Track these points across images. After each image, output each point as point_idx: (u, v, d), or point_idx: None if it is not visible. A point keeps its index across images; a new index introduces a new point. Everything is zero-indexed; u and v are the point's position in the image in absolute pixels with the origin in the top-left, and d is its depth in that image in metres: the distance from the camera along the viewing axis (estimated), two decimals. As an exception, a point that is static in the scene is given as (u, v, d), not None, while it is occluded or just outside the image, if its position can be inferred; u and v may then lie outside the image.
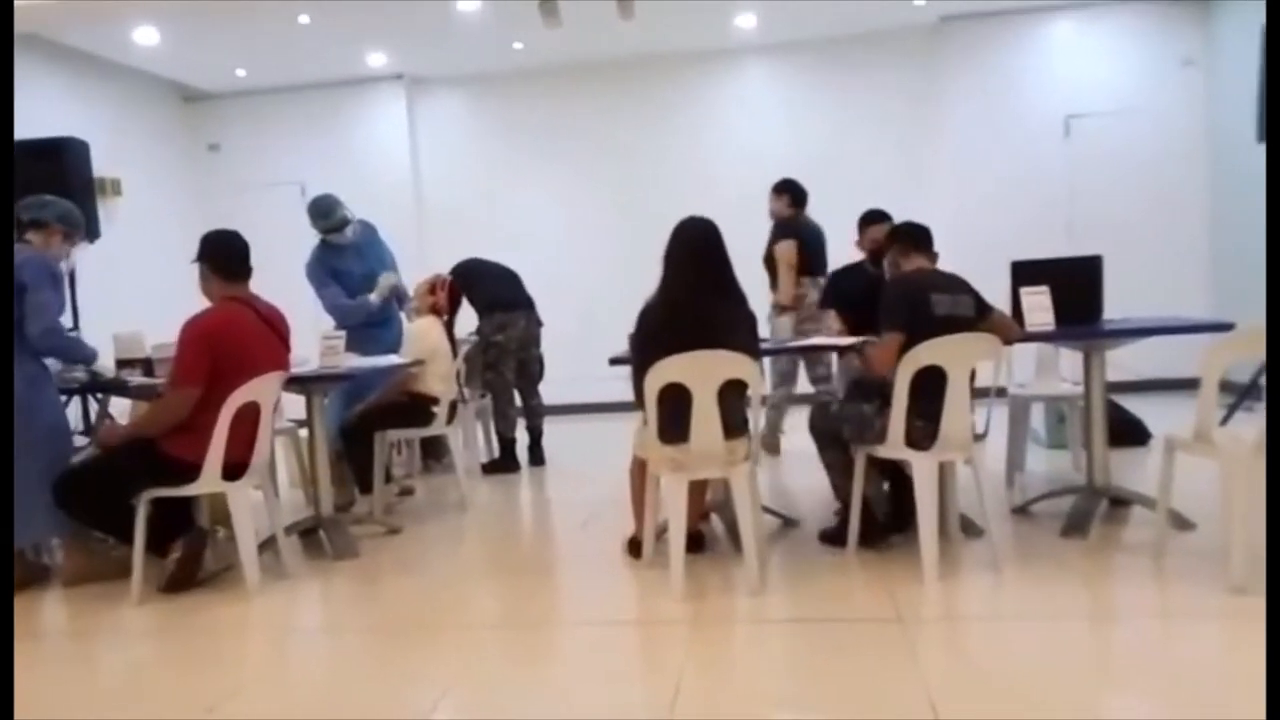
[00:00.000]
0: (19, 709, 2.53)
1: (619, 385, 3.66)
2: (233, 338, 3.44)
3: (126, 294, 6.53)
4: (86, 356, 3.87)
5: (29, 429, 3.55)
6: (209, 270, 3.56)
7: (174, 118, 8.27)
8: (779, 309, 5.24)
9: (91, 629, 3.27)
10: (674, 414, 3.13)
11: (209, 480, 3.36)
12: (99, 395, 4.74)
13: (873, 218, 4.45)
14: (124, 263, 6.84)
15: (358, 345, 4.57)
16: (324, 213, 4.97)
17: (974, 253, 4.68)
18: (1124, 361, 3.96)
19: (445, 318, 5.03)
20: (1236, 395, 5.31)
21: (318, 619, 3.25)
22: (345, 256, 5.04)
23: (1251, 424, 3.11)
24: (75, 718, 2.47)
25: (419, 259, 7.03)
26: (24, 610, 3.46)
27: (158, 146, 7.96)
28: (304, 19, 6.59)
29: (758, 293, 3.43)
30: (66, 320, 4.10)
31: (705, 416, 3.11)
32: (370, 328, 5.00)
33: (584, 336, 6.25)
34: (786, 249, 5.45)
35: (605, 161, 8.28)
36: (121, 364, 4.20)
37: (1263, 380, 3.20)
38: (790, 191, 5.75)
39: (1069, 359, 4.51)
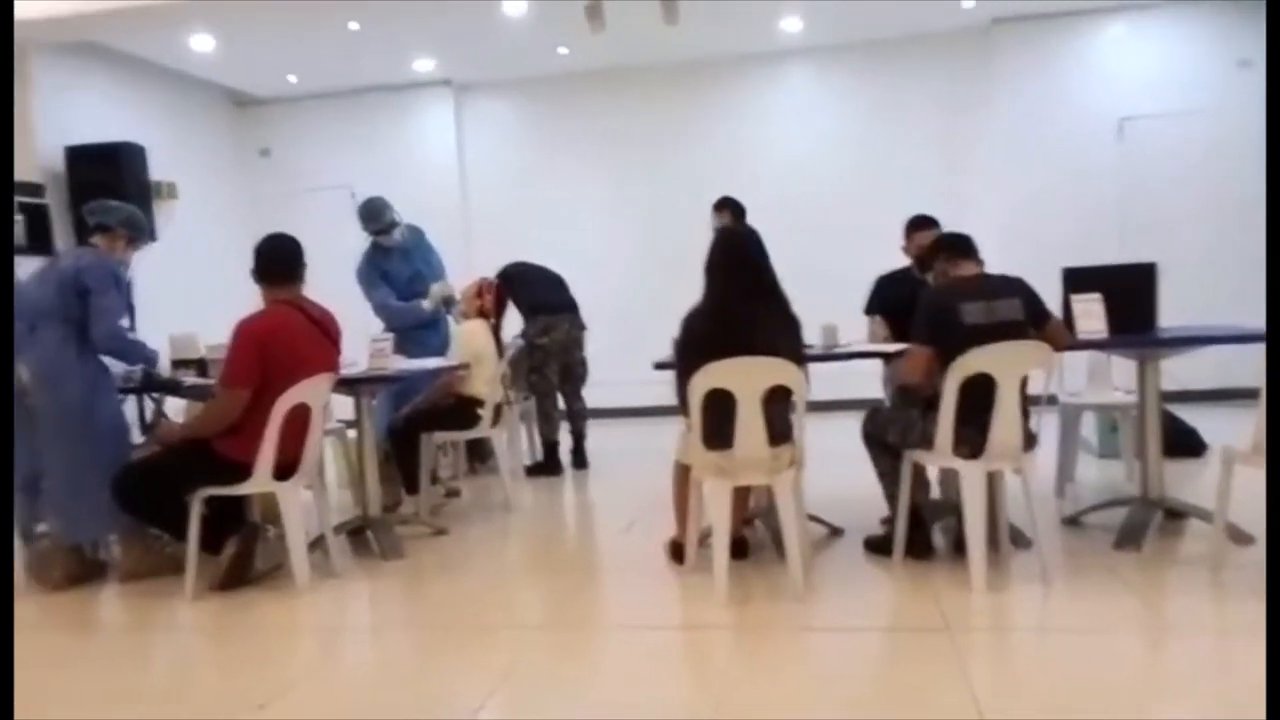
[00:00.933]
0: (74, 701, 2.60)
1: (661, 389, 3.67)
2: (283, 340, 3.50)
3: (181, 295, 6.68)
4: (148, 357, 3.97)
5: (89, 428, 3.65)
6: (256, 278, 3.63)
7: (227, 123, 8.43)
8: None
9: (146, 624, 3.35)
10: (718, 420, 3.13)
11: (260, 480, 3.42)
12: (155, 395, 4.84)
13: (920, 223, 4.40)
14: (179, 264, 7.00)
15: (404, 348, 4.65)
16: (374, 215, 5.08)
17: (1023, 258, 4.60)
18: (1175, 371, 3.87)
19: (492, 321, 5.08)
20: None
21: (366, 618, 3.30)
22: (393, 259, 5.13)
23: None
24: (129, 711, 2.53)
25: (464, 262, 7.10)
26: (81, 604, 3.56)
27: (211, 151, 8.13)
28: (354, 25, 6.69)
29: (799, 300, 3.42)
30: (124, 323, 4.19)
31: (750, 423, 3.11)
32: (417, 330, 5.09)
33: (626, 340, 6.25)
34: None
35: (648, 165, 8.29)
36: (177, 364, 4.30)
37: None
38: (731, 207, 5.96)
39: (1121, 367, 4.42)
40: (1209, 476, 3.55)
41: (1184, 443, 5.03)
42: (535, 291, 5.81)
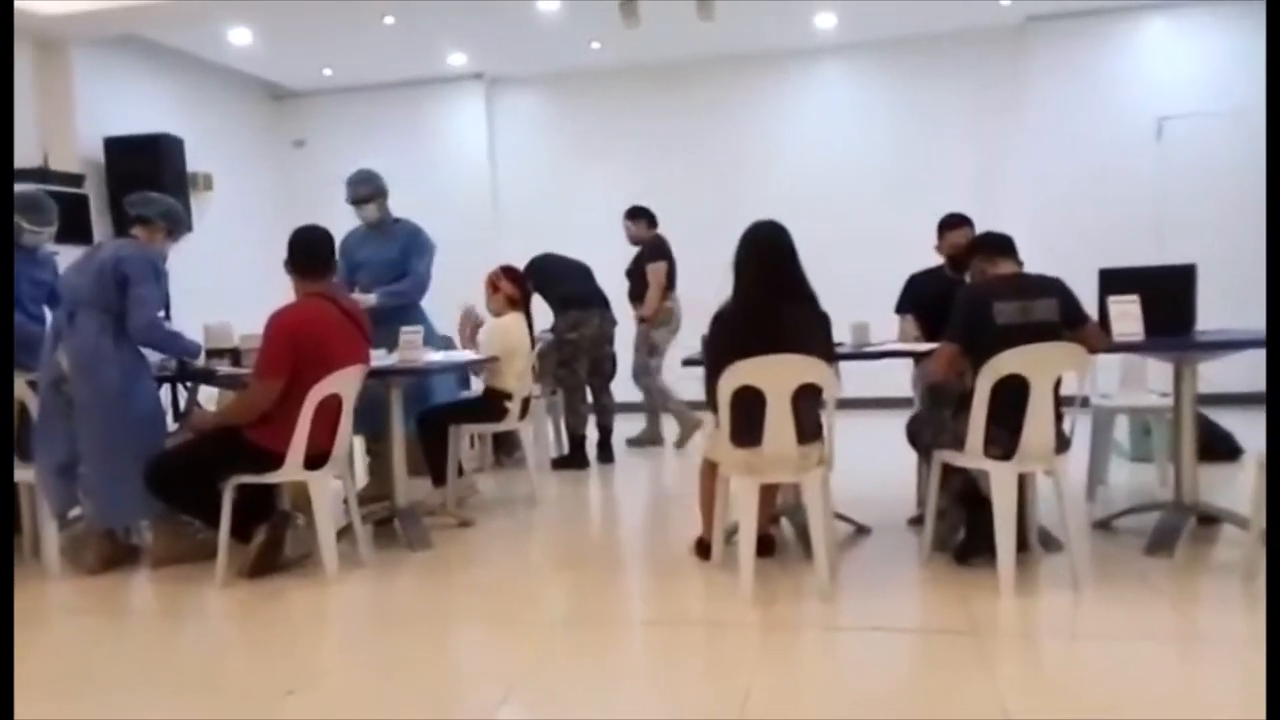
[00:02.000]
0: (107, 682, 2.65)
1: (689, 385, 3.67)
2: (315, 332, 3.54)
3: (216, 285, 6.76)
4: (188, 349, 4.02)
5: (124, 415, 3.70)
6: (290, 268, 3.67)
7: (263, 115, 8.52)
8: (643, 321, 6.07)
9: (177, 609, 3.40)
10: (747, 417, 3.12)
11: (292, 469, 3.46)
12: (188, 384, 4.91)
13: (953, 222, 4.37)
14: (214, 255, 7.09)
15: (385, 343, 4.30)
16: (353, 181, 4.81)
17: (1058, 258, 4.54)
18: (1211, 375, 3.81)
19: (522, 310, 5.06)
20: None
21: (393, 607, 3.32)
22: (368, 243, 4.86)
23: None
24: (161, 694, 2.57)
25: (494, 254, 7.13)
26: (114, 588, 3.62)
27: (247, 143, 8.22)
28: (389, 20, 6.74)
29: (829, 298, 3.40)
30: (163, 314, 4.25)
31: (779, 420, 3.10)
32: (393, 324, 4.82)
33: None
34: (658, 270, 6.07)
35: (680, 161, 8.28)
36: (211, 354, 4.35)
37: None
38: (646, 215, 6.24)
39: (1156, 369, 4.35)
40: (1244, 481, 3.49)
41: (1220, 447, 4.96)
42: (566, 285, 5.83)
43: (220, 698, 2.53)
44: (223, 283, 6.88)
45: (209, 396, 5.06)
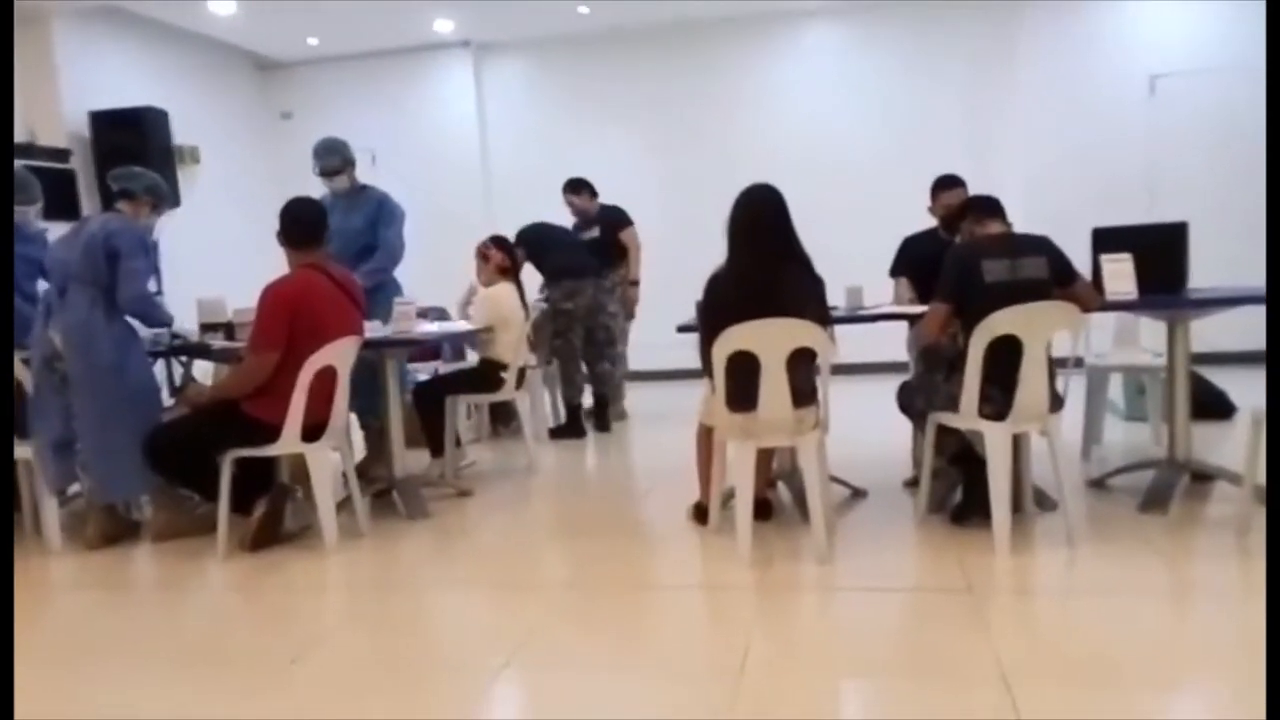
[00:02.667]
0: (110, 655, 2.67)
1: (686, 352, 3.67)
2: (309, 304, 3.53)
3: (206, 259, 6.73)
4: (164, 320, 4.02)
5: (119, 389, 3.70)
6: (283, 239, 3.65)
7: (248, 87, 8.43)
8: (635, 284, 6.13)
9: (179, 582, 3.42)
10: (742, 382, 3.13)
11: (289, 441, 3.47)
12: (183, 358, 4.90)
13: (946, 183, 4.35)
14: (203, 229, 7.04)
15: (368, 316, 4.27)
16: (321, 152, 4.70)
17: (1052, 217, 4.55)
18: (1204, 333, 3.82)
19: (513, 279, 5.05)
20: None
21: (394, 576, 3.35)
22: (334, 213, 4.49)
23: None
24: (164, 665, 2.59)
25: (485, 224, 7.10)
26: (115, 563, 3.64)
27: (233, 115, 8.14)
28: (374, -14, 6.65)
29: (824, 262, 3.40)
30: (151, 286, 4.23)
31: (774, 385, 3.10)
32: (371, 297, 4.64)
33: (650, 303, 6.25)
34: (636, 233, 6.16)
35: (670, 126, 8.22)
36: (205, 328, 4.34)
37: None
38: (588, 187, 6.18)
39: (1150, 329, 4.37)
40: (1237, 439, 3.52)
41: (1213, 405, 4.99)
42: (560, 255, 5.81)
43: (224, 668, 2.55)
44: (213, 256, 6.84)
45: (204, 371, 5.06)
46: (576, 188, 6.19)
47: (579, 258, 5.87)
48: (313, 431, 3.52)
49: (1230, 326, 4.32)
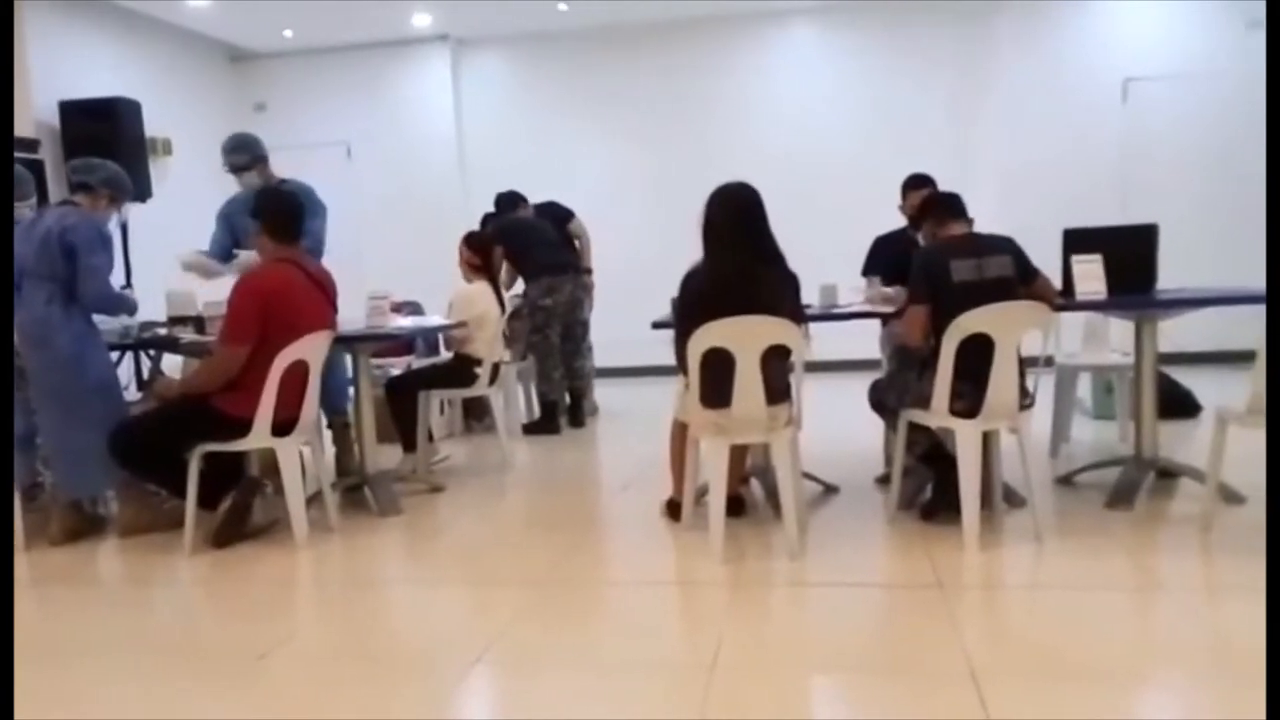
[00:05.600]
0: (76, 651, 2.63)
1: (661, 349, 3.67)
2: (283, 298, 3.50)
3: (177, 251, 6.63)
4: (130, 307, 3.96)
5: (79, 384, 3.66)
6: (262, 229, 3.62)
7: (222, 78, 8.34)
8: (588, 274, 6.08)
9: (145, 577, 3.38)
10: (716, 379, 3.13)
11: (259, 436, 3.44)
12: (151, 352, 4.84)
13: (916, 182, 4.40)
14: (175, 221, 6.94)
15: None
16: (229, 149, 4.47)
17: (1027, 217, 4.60)
18: (1171, 333, 3.88)
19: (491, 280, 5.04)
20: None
21: (364, 572, 3.33)
22: (247, 210, 4.24)
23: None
24: (130, 660, 2.56)
25: (461, 221, 7.07)
26: (80, 559, 3.59)
27: (206, 106, 8.04)
28: (350, -22, 6.60)
29: (800, 260, 3.42)
30: (119, 278, 4.18)
31: (748, 382, 3.11)
32: None
33: (628, 300, 6.25)
34: (580, 224, 6.13)
35: (649, 124, 8.22)
36: (174, 321, 4.29)
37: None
38: (522, 198, 6.08)
39: (1119, 328, 4.43)
40: (1202, 437, 3.57)
41: (1179, 404, 5.06)
42: (539, 253, 5.79)
43: (190, 664, 2.52)
44: (184, 249, 6.74)
45: (173, 365, 5.00)
46: (517, 200, 6.08)
47: (559, 255, 5.86)
48: (283, 426, 3.48)
49: (1196, 327, 4.38)
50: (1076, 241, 3.60)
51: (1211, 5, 7.19)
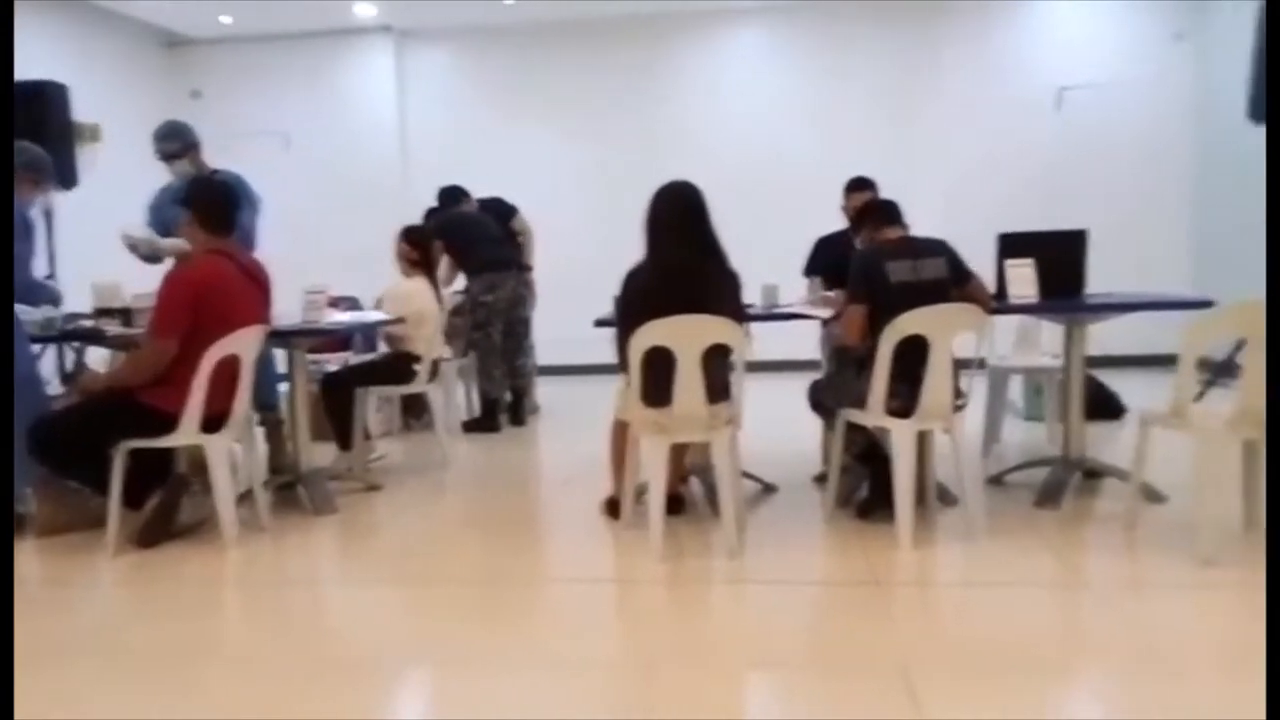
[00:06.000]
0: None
1: (603, 347, 3.66)
2: (215, 290, 3.41)
3: (106, 242, 6.42)
4: (51, 297, 3.83)
5: None
6: (194, 219, 3.52)
7: (156, 64, 8.11)
8: (529, 271, 6.05)
9: (65, 579, 3.26)
10: (657, 377, 3.14)
11: (187, 432, 3.34)
12: (75, 345, 4.68)
13: (857, 185, 4.48)
14: (103, 210, 6.72)
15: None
16: (160, 136, 4.43)
17: (966, 222, 4.69)
18: (1100, 337, 3.99)
19: (430, 276, 4.97)
20: (1212, 372, 5.37)
21: (296, 572, 3.26)
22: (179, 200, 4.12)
23: (1226, 400, 3.14)
24: (51, 664, 2.47)
25: (404, 217, 6.96)
26: (-1, 558, 3.46)
27: (138, 93, 7.81)
28: (290, -35, 6.47)
29: (744, 260, 3.44)
30: (43, 266, 4.03)
31: (689, 380, 3.12)
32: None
33: (569, 298, 6.23)
34: (523, 220, 6.14)
35: (594, 121, 8.21)
36: (100, 313, 4.15)
37: (1239, 358, 3.23)
38: (455, 194, 6.01)
39: (1049, 332, 4.54)
40: (1127, 439, 3.68)
41: (1105, 406, 5.21)
42: (481, 249, 5.74)
43: (113, 668, 2.44)
44: (113, 239, 6.54)
45: (99, 359, 4.84)
46: (463, 193, 6.02)
47: (502, 251, 5.81)
48: (213, 422, 3.40)
49: (1124, 331, 4.51)
50: (1010, 245, 3.68)
51: (1140, 17, 7.42)
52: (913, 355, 3.13)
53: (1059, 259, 3.68)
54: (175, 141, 4.35)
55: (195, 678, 2.36)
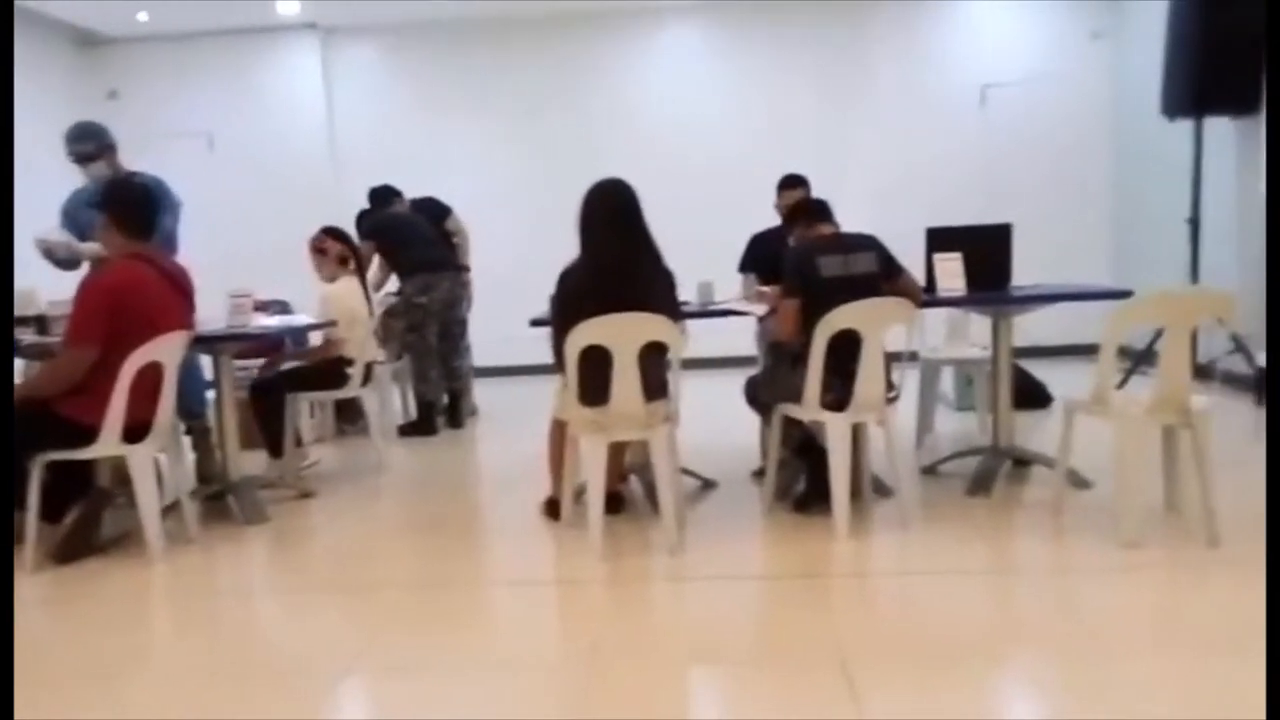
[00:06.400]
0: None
1: (539, 347, 3.64)
2: (134, 296, 3.29)
3: (19, 248, 6.18)
4: None
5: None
6: (111, 223, 3.40)
7: (69, 63, 7.82)
8: (466, 272, 5.98)
9: (-18, 598, 3.13)
10: (594, 376, 3.13)
11: (108, 443, 3.23)
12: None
13: (789, 182, 4.52)
14: (15, 214, 6.47)
15: None
16: (74, 136, 4.25)
17: (896, 218, 4.76)
18: (1026, 328, 4.09)
19: (359, 276, 4.88)
20: (1132, 360, 5.55)
21: (225, 583, 3.17)
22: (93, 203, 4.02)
23: (1146, 388, 3.25)
24: (-36, 690, 2.36)
25: (335, 214, 6.83)
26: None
27: (51, 93, 7.51)
28: (209, -39, 6.29)
29: (679, 257, 3.45)
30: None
31: (626, 379, 3.11)
32: None
33: (505, 298, 6.18)
34: (458, 220, 6.05)
35: (525, 119, 8.14)
36: (14, 321, 3.99)
37: (1158, 346, 3.34)
38: (397, 192, 5.96)
39: (978, 324, 4.64)
40: (1054, 427, 3.78)
41: (1033, 395, 5.34)
42: (414, 249, 5.65)
43: (31, 689, 2.34)
44: (26, 245, 6.29)
45: (15, 369, 4.65)
46: (388, 195, 5.89)
47: (435, 251, 5.73)
48: (135, 432, 3.28)
49: (1049, 322, 4.64)
50: (938, 240, 3.75)
51: (1059, 16, 7.63)
52: (846, 349, 3.17)
53: (985, 253, 3.77)
54: (90, 143, 4.19)
55: (122, 693, 2.27)
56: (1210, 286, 5.26)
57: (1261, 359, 5.14)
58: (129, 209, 3.42)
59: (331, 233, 4.89)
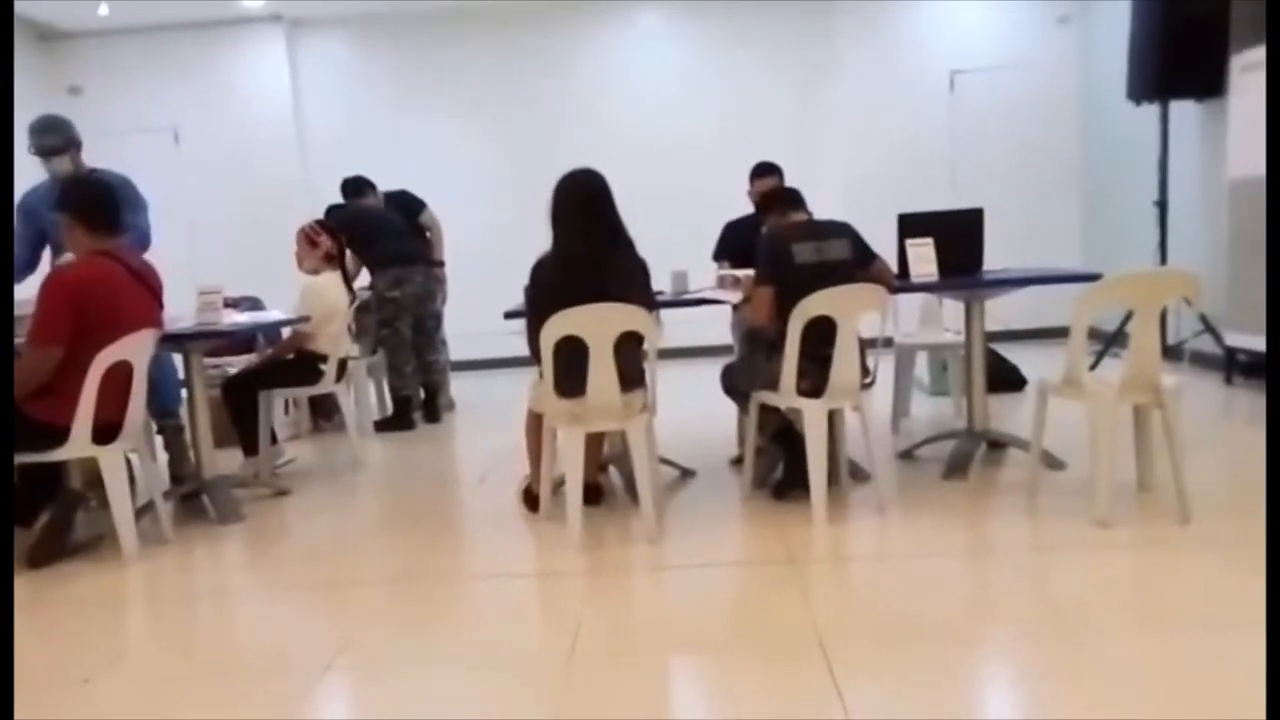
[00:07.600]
0: None
1: (515, 340, 3.62)
2: (101, 294, 3.24)
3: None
4: None
5: None
6: (74, 221, 3.34)
7: (29, 59, 7.67)
8: (440, 267, 5.94)
9: (-48, 604, 3.08)
10: (570, 367, 3.12)
11: (78, 444, 3.18)
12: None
13: (762, 170, 4.53)
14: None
15: None
16: (38, 129, 4.14)
17: (868, 204, 4.79)
18: (999, 312, 4.13)
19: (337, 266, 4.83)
20: (1103, 342, 5.61)
21: (201, 583, 3.14)
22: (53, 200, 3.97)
23: (1117, 369, 3.28)
24: (-65, 697, 2.32)
25: (301, 212, 6.77)
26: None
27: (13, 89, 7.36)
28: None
29: (651, 246, 3.44)
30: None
31: (602, 369, 3.11)
32: None
33: (480, 291, 6.15)
34: (432, 215, 5.98)
35: (498, 111, 8.10)
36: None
37: (1128, 328, 3.38)
38: (371, 185, 5.91)
39: (951, 309, 4.67)
40: (1027, 409, 3.81)
41: (1006, 378, 5.39)
42: (386, 243, 5.60)
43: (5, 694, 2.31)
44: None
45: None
46: (360, 190, 5.82)
47: (407, 245, 5.68)
48: (106, 432, 3.24)
49: (1021, 306, 4.68)
50: (910, 226, 3.77)
51: (1026, 2, 7.68)
52: (821, 336, 3.19)
53: (957, 238, 3.79)
54: (56, 136, 4.11)
55: (99, 697, 2.25)
56: (1176, 268, 5.33)
57: (1230, 339, 5.21)
58: (91, 206, 3.36)
59: (327, 227, 4.85)
